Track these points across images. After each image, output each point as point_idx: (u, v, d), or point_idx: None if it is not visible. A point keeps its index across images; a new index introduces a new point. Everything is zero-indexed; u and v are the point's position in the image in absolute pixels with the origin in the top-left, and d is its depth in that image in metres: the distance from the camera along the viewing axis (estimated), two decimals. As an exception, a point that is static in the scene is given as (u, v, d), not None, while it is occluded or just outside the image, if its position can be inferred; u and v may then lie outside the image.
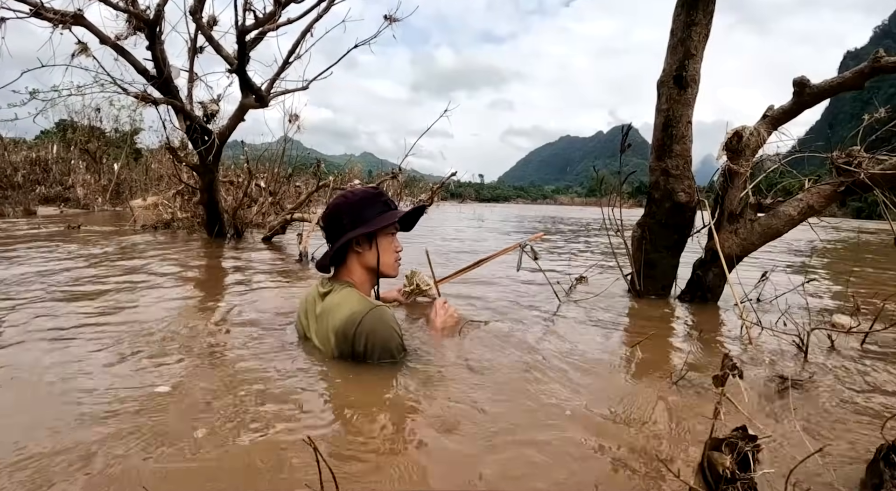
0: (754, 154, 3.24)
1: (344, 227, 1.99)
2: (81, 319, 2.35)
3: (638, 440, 1.37)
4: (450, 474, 1.18)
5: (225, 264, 4.30)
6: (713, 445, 1.10)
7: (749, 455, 1.07)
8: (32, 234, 6.12)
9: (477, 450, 1.29)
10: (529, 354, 2.11)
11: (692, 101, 3.10)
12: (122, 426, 1.31)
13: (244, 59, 5.14)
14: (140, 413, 1.39)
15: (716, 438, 1.10)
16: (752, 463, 1.07)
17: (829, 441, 1.42)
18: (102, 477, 1.10)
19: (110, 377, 1.65)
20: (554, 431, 1.41)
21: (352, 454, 1.24)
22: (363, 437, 1.33)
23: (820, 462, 1.27)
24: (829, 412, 1.62)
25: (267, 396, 1.55)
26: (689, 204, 3.17)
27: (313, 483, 1.00)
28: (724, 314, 3.04)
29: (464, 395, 1.64)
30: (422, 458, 1.24)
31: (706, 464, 1.09)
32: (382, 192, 2.09)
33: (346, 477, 1.12)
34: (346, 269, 2.04)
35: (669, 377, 1.84)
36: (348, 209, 2.00)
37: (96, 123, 15.31)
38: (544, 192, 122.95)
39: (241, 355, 1.94)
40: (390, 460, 1.22)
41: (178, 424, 1.34)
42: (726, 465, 1.05)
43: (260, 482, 1.10)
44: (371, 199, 2.03)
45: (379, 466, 1.19)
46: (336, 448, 1.26)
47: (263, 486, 1.09)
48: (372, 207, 2.02)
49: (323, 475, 0.94)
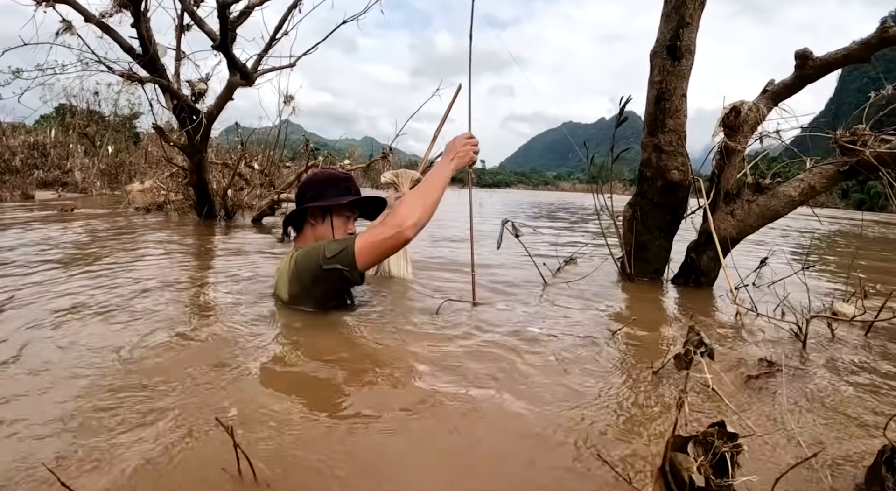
0: (753, 131, 3.08)
1: (305, 199, 2.26)
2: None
3: (591, 438, 1.22)
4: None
5: (204, 241, 4.18)
6: (677, 444, 0.94)
7: (727, 457, 0.90)
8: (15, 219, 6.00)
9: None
10: (485, 332, 1.99)
11: (687, 73, 2.93)
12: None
13: (227, 35, 4.98)
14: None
15: (679, 435, 0.94)
16: (730, 467, 0.90)
17: (824, 441, 1.26)
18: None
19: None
20: (483, 428, 1.27)
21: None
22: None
23: (815, 465, 1.12)
24: (826, 408, 1.46)
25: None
26: (683, 182, 3.01)
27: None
28: (717, 299, 2.89)
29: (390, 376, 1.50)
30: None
31: (668, 468, 0.93)
32: (350, 177, 2.34)
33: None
34: (303, 237, 2.31)
35: (650, 366, 1.69)
36: (313, 185, 2.28)
37: (95, 107, 15.16)
38: (546, 178, 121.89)
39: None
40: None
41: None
42: (692, 469, 0.90)
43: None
44: (335, 181, 2.28)
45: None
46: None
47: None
48: (334, 188, 2.26)
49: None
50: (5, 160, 12.13)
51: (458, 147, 2.24)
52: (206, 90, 5.75)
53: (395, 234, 1.94)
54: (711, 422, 0.93)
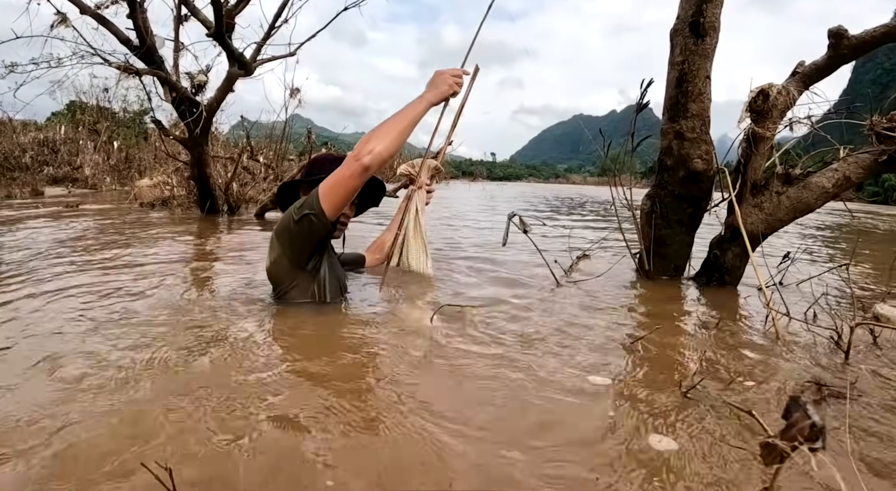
0: (782, 116, 2.83)
1: (305, 176, 2.25)
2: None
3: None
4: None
5: (202, 237, 4.00)
6: None
7: None
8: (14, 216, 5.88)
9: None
10: (494, 347, 1.74)
11: (711, 52, 2.68)
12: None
13: (222, 23, 4.77)
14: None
15: None
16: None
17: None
18: None
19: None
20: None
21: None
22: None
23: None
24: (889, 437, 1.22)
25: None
26: (707, 172, 2.76)
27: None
28: (745, 301, 2.65)
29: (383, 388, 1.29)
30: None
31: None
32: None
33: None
34: None
35: (678, 386, 1.45)
36: (316, 163, 2.30)
37: (105, 104, 15.12)
38: (556, 171, 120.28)
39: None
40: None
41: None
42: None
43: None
44: (336, 160, 2.10)
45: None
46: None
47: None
48: (335, 165, 2.02)
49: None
50: (16, 157, 12.14)
51: (440, 78, 2.19)
52: (207, 82, 5.58)
53: (351, 165, 1.88)
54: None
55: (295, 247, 2.02)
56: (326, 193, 1.91)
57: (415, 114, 2.05)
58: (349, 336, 1.80)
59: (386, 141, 1.92)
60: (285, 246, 2.03)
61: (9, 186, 10.05)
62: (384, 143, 1.91)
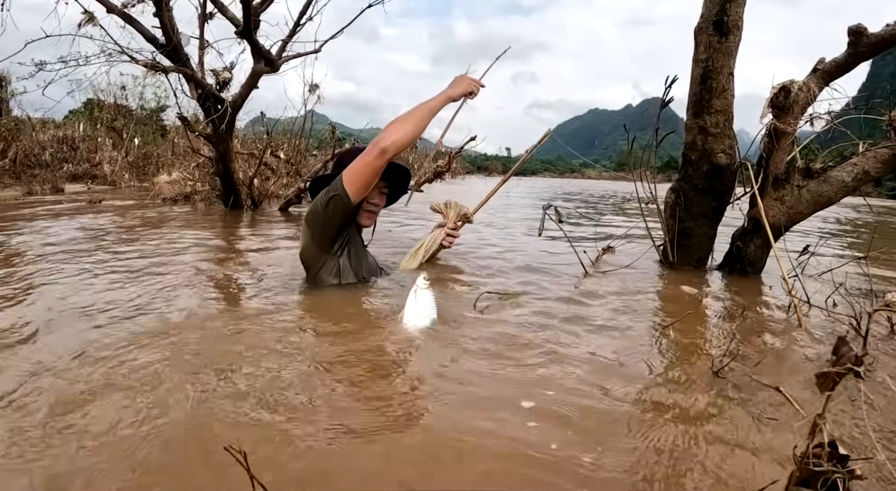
0: (803, 112, 2.90)
1: (335, 169, 2.35)
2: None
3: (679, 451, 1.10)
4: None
5: (230, 230, 4.12)
6: (803, 476, 0.79)
7: (839, 484, 0.75)
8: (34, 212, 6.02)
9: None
10: (538, 330, 1.84)
11: (734, 50, 2.75)
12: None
13: (250, 21, 4.88)
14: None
15: (807, 466, 0.78)
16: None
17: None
18: None
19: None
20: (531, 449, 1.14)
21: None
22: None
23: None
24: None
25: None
26: (730, 166, 2.84)
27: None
28: (767, 290, 2.72)
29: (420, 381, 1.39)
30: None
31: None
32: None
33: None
34: None
35: (710, 365, 1.54)
36: (345, 155, 2.39)
37: (122, 101, 15.27)
38: (572, 166, 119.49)
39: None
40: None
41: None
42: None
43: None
44: (358, 152, 2.19)
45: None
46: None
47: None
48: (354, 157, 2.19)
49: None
50: (35, 155, 12.27)
51: (460, 79, 2.35)
52: (231, 78, 5.69)
53: (372, 150, 2.05)
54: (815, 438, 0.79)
55: (321, 229, 2.20)
56: (351, 177, 2.10)
57: (433, 105, 2.22)
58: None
59: (404, 129, 2.11)
60: (313, 229, 2.22)
61: (29, 183, 10.20)
62: (402, 131, 2.10)
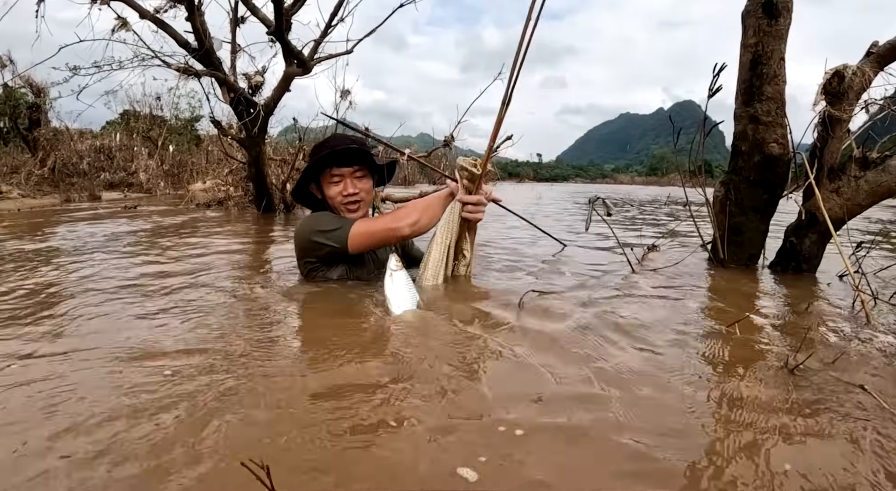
0: (858, 97, 2.73)
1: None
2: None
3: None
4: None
5: (262, 232, 4.09)
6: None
7: None
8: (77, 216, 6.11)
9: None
10: (599, 331, 1.73)
11: (785, 33, 2.61)
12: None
13: (282, 21, 4.87)
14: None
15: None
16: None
17: None
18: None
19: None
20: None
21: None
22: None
23: None
24: None
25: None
26: (783, 157, 2.69)
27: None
28: (825, 287, 2.56)
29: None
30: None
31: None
32: (327, 140, 2.24)
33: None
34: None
35: (784, 364, 1.42)
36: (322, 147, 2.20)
37: (157, 112, 15.59)
38: (603, 171, 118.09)
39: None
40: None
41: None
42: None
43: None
44: (315, 151, 2.17)
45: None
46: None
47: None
48: (314, 156, 2.14)
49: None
50: (73, 164, 12.60)
51: (467, 200, 2.18)
52: (263, 82, 5.70)
53: (394, 228, 2.06)
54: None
55: (308, 260, 2.19)
56: (358, 236, 2.05)
57: (442, 208, 2.20)
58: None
59: (427, 220, 2.13)
60: (298, 255, 2.22)
61: (68, 191, 10.45)
62: (425, 223, 2.13)
